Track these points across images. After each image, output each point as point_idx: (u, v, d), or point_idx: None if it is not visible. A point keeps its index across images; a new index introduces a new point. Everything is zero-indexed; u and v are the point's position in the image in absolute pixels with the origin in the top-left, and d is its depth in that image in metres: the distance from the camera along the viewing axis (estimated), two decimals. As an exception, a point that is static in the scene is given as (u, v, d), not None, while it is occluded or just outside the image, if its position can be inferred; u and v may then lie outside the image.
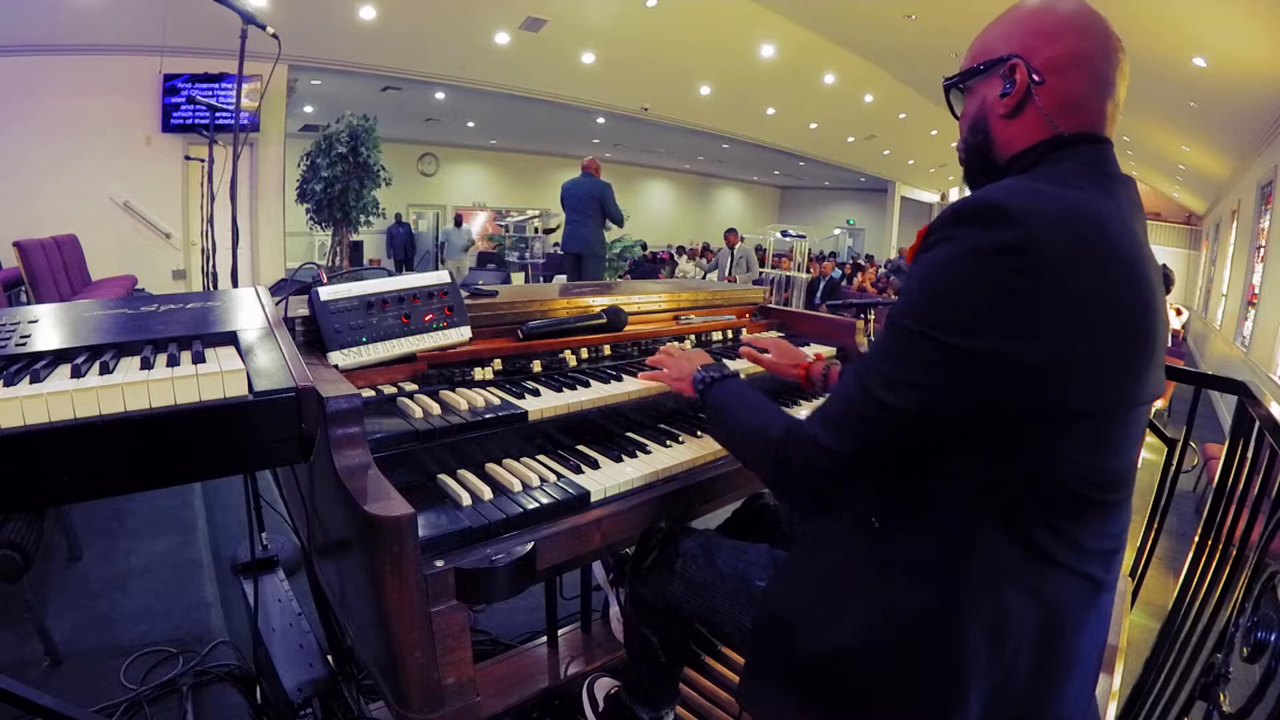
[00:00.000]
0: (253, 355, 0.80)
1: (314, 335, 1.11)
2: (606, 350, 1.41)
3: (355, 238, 10.05)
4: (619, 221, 5.84)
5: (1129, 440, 0.72)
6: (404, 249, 12.88)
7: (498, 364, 1.25)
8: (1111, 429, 0.70)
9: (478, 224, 14.11)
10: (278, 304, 1.09)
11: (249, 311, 0.97)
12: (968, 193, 0.78)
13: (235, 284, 2.09)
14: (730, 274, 8.01)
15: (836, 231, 15.98)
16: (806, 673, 0.82)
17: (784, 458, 0.81)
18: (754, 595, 0.95)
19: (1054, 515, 0.70)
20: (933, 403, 0.69)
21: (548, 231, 10.25)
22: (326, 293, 1.12)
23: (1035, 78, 0.76)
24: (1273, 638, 0.99)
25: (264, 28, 2.17)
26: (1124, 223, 0.71)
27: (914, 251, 0.94)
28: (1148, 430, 1.66)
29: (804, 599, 0.84)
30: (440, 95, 10.67)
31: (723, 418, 0.97)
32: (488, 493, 0.94)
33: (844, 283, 10.92)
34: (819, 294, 9.48)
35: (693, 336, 1.60)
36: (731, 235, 8.24)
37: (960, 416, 0.69)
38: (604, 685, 1.45)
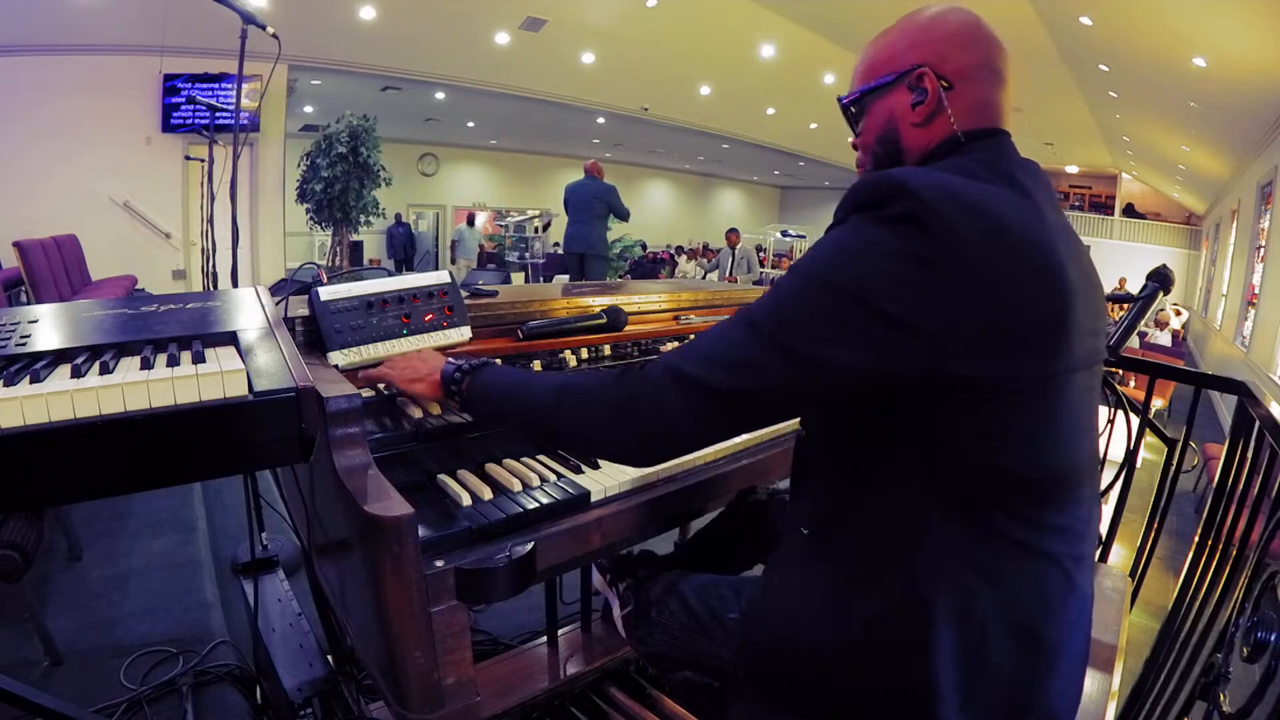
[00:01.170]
0: (253, 355, 0.80)
1: (314, 335, 1.11)
2: (606, 350, 1.41)
3: (355, 238, 10.05)
4: (624, 217, 5.95)
5: (1068, 413, 0.71)
6: (404, 249, 12.88)
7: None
8: (1042, 399, 0.69)
9: (478, 224, 14.13)
10: (278, 304, 1.09)
11: (249, 311, 0.97)
12: None
13: (235, 284, 2.09)
14: (731, 274, 8.00)
15: (836, 231, 15.95)
16: (787, 693, 0.81)
17: (634, 402, 0.74)
18: (729, 628, 0.93)
19: (1002, 495, 0.69)
20: (825, 351, 0.67)
21: (544, 226, 10.25)
22: (326, 293, 1.12)
23: (944, 84, 0.78)
24: (1273, 638, 0.99)
25: (264, 28, 2.17)
26: (1025, 198, 0.72)
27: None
28: (1148, 430, 1.67)
29: (775, 621, 0.83)
30: (440, 95, 10.68)
31: (512, 397, 0.88)
32: (488, 493, 0.94)
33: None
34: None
35: (693, 336, 1.59)
36: (733, 235, 8.23)
37: (856, 373, 0.67)
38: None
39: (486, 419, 0.98)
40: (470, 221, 12.18)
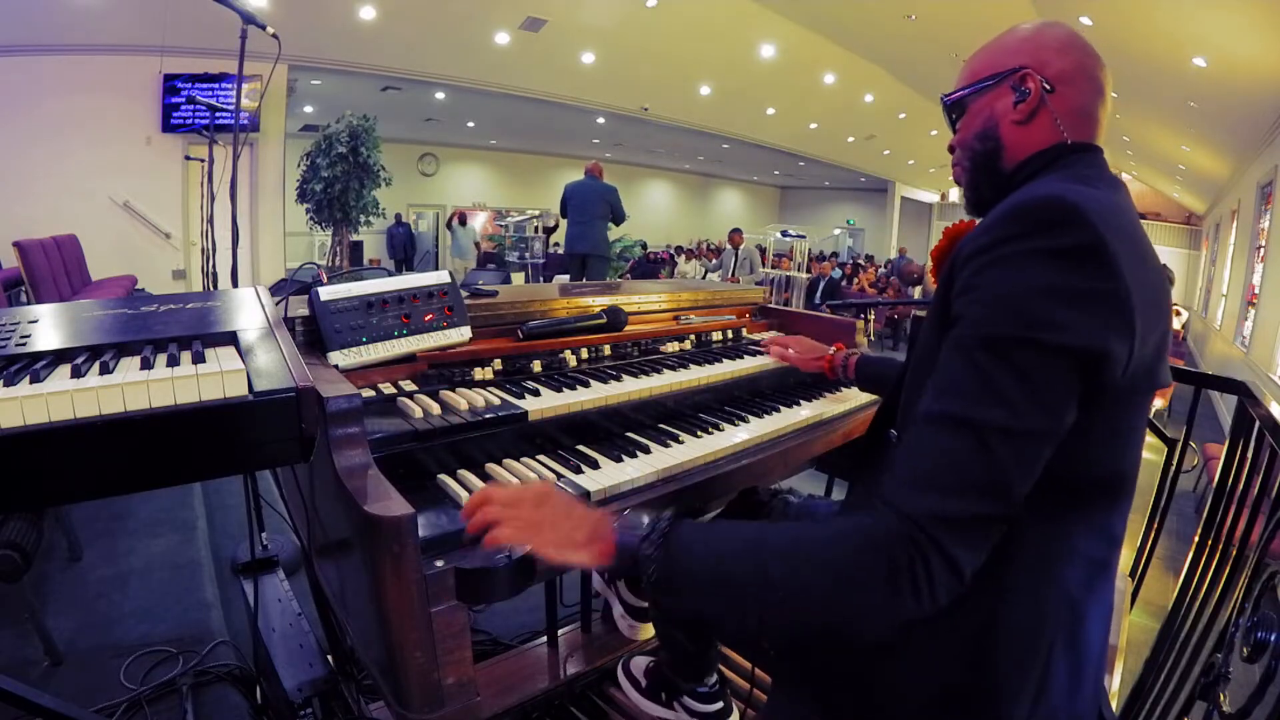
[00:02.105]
0: (253, 355, 0.80)
1: (314, 335, 1.11)
2: (606, 350, 1.41)
3: (355, 238, 10.05)
4: (621, 221, 5.95)
5: (1142, 427, 0.75)
6: (404, 249, 12.85)
7: (498, 364, 1.25)
8: (1135, 414, 0.72)
9: (477, 224, 14.11)
10: (278, 304, 1.09)
11: (249, 311, 0.97)
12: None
13: (235, 284, 2.09)
14: (734, 275, 8.02)
15: (836, 231, 15.99)
16: (839, 687, 0.80)
17: (902, 560, 0.60)
18: None
19: (1085, 505, 0.71)
20: (1053, 413, 0.63)
21: (548, 230, 10.26)
22: (326, 293, 1.12)
23: (1047, 86, 0.79)
24: (1273, 638, 0.99)
25: (264, 28, 2.17)
26: (1138, 223, 0.74)
27: (940, 253, 0.93)
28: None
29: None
30: (440, 95, 10.67)
31: (730, 576, 0.68)
32: (488, 493, 0.93)
33: (844, 283, 10.93)
34: (819, 294, 9.49)
35: (693, 336, 1.60)
36: (736, 235, 8.26)
37: (1071, 419, 0.64)
38: (640, 663, 1.47)
39: (688, 598, 0.72)
40: (462, 220, 11.65)
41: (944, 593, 0.61)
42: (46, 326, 0.86)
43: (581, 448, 1.13)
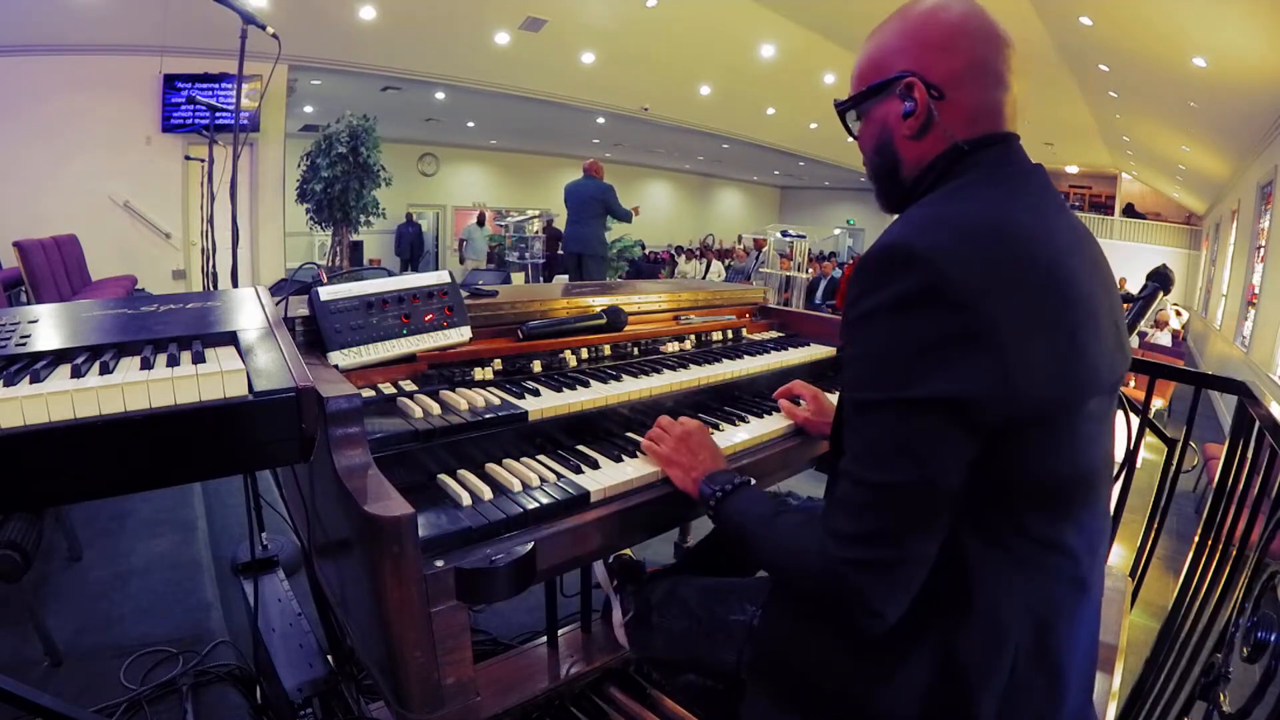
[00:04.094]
0: (253, 355, 0.80)
1: (314, 335, 1.11)
2: (606, 350, 1.41)
3: (355, 238, 10.05)
4: (622, 218, 5.95)
5: (1093, 431, 0.72)
6: (411, 248, 12.84)
7: (498, 364, 1.25)
8: (1072, 424, 0.70)
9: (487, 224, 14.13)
10: (278, 304, 1.09)
11: (249, 311, 0.97)
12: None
13: (235, 284, 2.09)
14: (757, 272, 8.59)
15: (836, 231, 15.97)
16: (813, 708, 0.81)
17: (838, 586, 0.70)
18: (733, 631, 0.93)
19: (1028, 518, 0.70)
20: (936, 464, 0.66)
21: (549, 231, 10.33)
22: (326, 293, 1.12)
23: (934, 93, 0.75)
24: (1273, 638, 0.99)
25: (264, 28, 2.17)
26: (1038, 221, 0.71)
27: (841, 296, 0.95)
28: (1148, 430, 1.67)
29: (803, 638, 0.83)
30: (440, 95, 10.67)
31: (747, 540, 0.86)
32: (488, 493, 0.93)
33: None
34: (819, 294, 9.50)
35: (693, 336, 1.60)
36: (761, 240, 8.61)
37: (962, 461, 0.66)
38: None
39: (734, 546, 0.99)
40: (480, 221, 12.24)
41: (872, 622, 0.69)
42: (46, 326, 0.86)
43: (581, 448, 1.13)
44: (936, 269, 0.64)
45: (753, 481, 0.93)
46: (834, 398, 1.42)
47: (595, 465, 1.05)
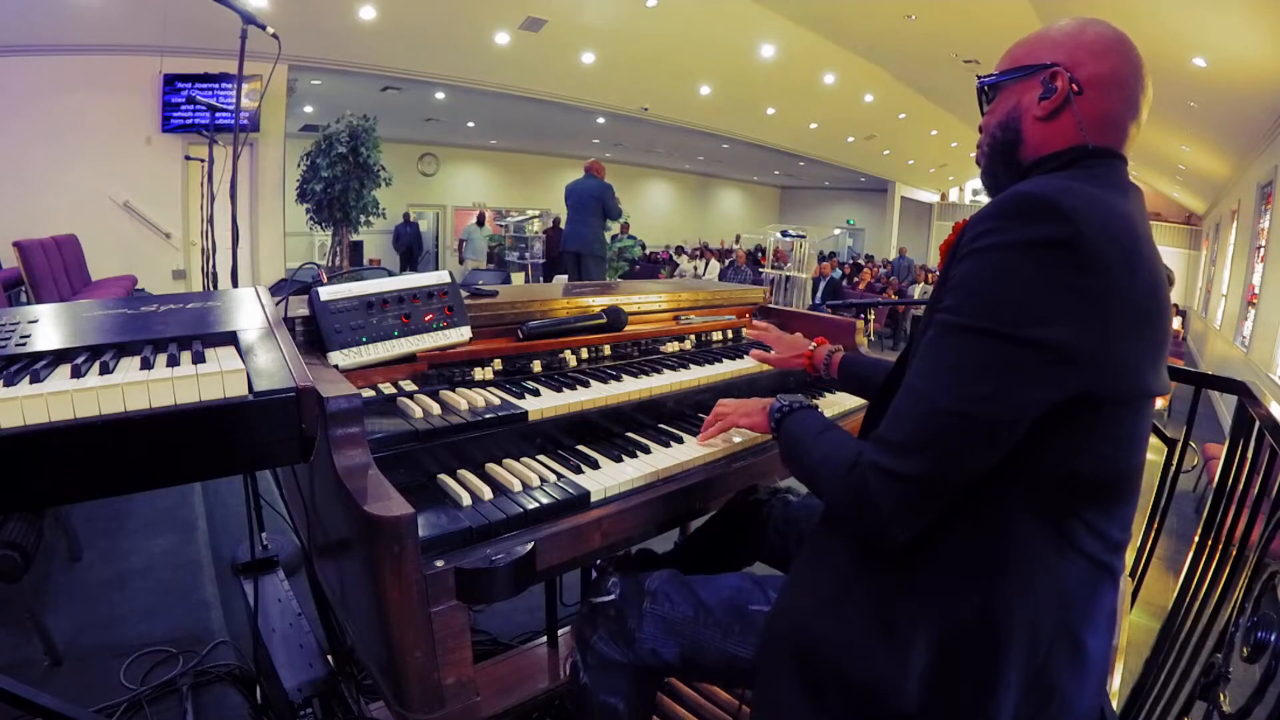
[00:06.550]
0: (253, 355, 0.80)
1: (314, 335, 1.11)
2: (606, 350, 1.41)
3: (355, 238, 10.04)
4: (615, 216, 6.02)
5: (1144, 431, 0.75)
6: (409, 248, 12.83)
7: (498, 364, 1.25)
8: (1133, 419, 0.72)
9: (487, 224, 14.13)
10: (278, 304, 1.09)
11: (249, 311, 0.97)
12: (975, 190, 0.79)
13: (235, 284, 2.09)
14: None
15: (836, 231, 15.98)
16: (839, 697, 0.79)
17: (859, 491, 0.73)
18: (752, 622, 0.92)
19: (1082, 507, 0.71)
20: (1007, 403, 0.67)
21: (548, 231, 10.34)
22: (326, 293, 1.12)
23: (1075, 88, 0.79)
24: (1273, 638, 0.99)
25: (264, 28, 2.17)
26: (1147, 233, 0.74)
27: (949, 246, 0.94)
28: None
29: (831, 622, 0.81)
30: (440, 95, 10.67)
31: (797, 452, 0.91)
32: (488, 493, 0.93)
33: (844, 283, 10.93)
34: (820, 294, 9.51)
35: (693, 336, 1.60)
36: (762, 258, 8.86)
37: (1030, 413, 0.67)
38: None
39: (788, 463, 1.01)
40: (480, 221, 12.20)
41: (881, 534, 0.72)
42: (46, 326, 0.86)
43: (581, 448, 1.13)
44: (1076, 228, 0.66)
45: (816, 405, 1.02)
46: (798, 335, 1.44)
47: (595, 465, 1.05)
